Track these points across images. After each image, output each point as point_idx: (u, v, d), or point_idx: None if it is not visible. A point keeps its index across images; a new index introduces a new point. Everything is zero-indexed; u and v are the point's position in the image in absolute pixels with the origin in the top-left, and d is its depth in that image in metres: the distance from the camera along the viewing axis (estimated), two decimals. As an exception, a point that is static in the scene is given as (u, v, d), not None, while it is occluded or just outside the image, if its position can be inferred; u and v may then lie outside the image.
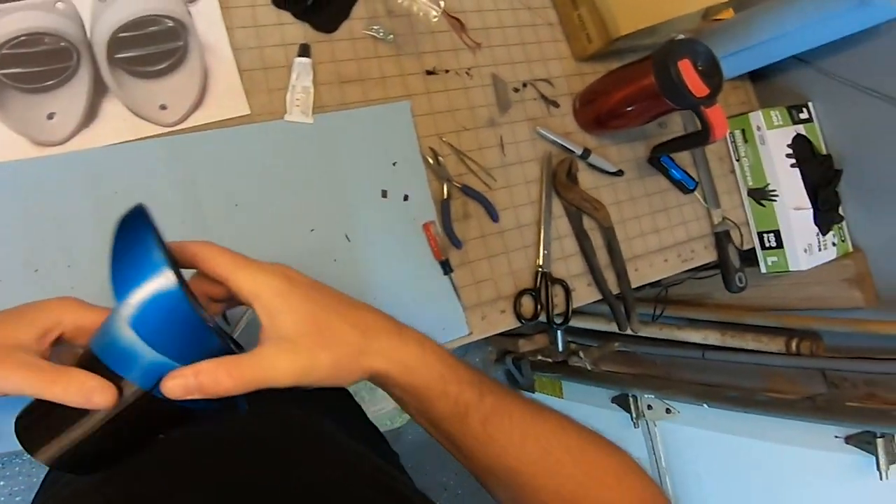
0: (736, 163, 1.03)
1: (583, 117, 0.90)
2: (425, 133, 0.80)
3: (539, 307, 0.82)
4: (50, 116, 0.65)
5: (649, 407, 1.42)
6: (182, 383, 0.36)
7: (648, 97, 0.78)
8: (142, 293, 0.37)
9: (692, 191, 0.96)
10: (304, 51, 0.75)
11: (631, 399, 1.45)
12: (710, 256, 0.98)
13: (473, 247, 0.80)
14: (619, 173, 0.90)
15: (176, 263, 0.39)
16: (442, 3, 0.82)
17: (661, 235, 0.94)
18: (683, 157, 0.97)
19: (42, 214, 0.62)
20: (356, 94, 0.77)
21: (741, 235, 1.01)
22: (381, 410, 1.67)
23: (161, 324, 0.37)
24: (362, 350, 0.42)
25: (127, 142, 0.66)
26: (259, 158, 0.71)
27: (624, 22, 0.83)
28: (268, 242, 0.69)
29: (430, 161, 0.79)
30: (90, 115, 0.66)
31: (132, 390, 0.38)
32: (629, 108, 0.83)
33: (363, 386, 1.57)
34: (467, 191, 0.80)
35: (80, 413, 0.39)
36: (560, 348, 1.60)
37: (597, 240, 0.88)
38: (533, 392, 1.80)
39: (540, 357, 1.75)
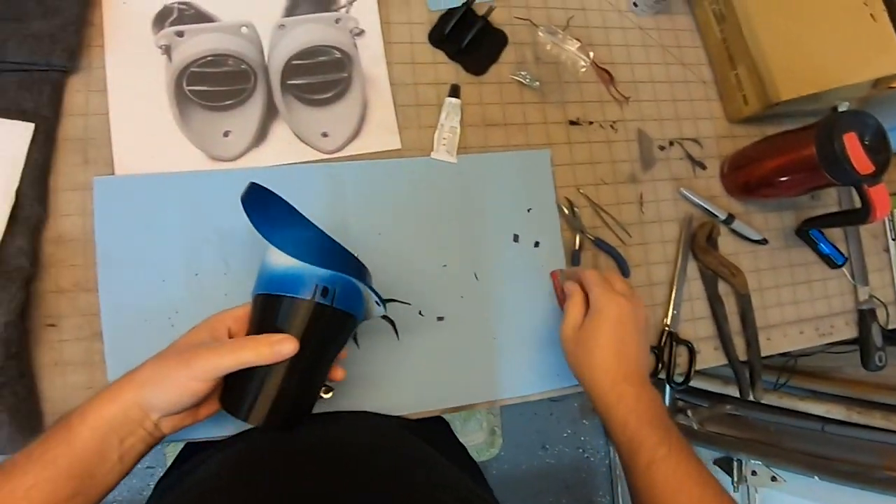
0: (892, 241, 0.95)
1: (730, 182, 0.86)
2: (563, 183, 0.80)
3: (660, 365, 0.80)
4: (226, 134, 0.70)
5: (753, 473, 1.35)
6: None
7: (806, 169, 0.74)
8: (294, 232, 0.51)
9: (840, 266, 0.89)
10: (455, 91, 0.78)
11: (735, 463, 1.38)
12: (849, 333, 0.91)
13: (600, 300, 0.79)
14: (764, 241, 0.86)
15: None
16: (591, 54, 0.82)
17: (800, 307, 0.88)
18: (834, 231, 0.91)
19: (208, 223, 0.67)
20: (499, 138, 0.79)
21: (887, 314, 0.93)
22: (469, 442, 1.66)
23: (312, 248, 0.50)
24: (592, 358, 0.60)
25: (289, 164, 0.71)
26: (404, 192, 0.74)
27: (785, 87, 0.78)
28: (403, 273, 0.71)
29: (566, 211, 0.79)
30: (260, 136, 0.71)
31: (305, 306, 0.50)
32: (783, 179, 0.78)
33: (457, 416, 1.58)
34: (600, 244, 0.79)
35: (269, 367, 0.49)
36: (665, 403, 1.55)
37: (730, 305, 0.84)
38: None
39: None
